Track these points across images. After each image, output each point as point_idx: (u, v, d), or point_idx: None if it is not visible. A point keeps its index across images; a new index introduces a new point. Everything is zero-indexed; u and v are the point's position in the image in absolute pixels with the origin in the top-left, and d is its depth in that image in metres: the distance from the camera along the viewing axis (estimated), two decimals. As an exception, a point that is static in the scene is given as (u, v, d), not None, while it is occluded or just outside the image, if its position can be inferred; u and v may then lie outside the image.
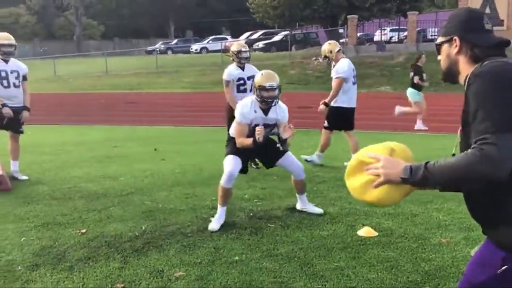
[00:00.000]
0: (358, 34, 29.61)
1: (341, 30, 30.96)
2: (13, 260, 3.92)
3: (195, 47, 42.40)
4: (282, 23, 35.08)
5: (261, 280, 3.52)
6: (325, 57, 7.51)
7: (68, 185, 6.31)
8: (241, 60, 6.97)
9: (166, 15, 55.87)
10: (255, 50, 32.26)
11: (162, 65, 27.93)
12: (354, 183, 2.03)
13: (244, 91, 6.99)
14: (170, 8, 54.47)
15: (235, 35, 46.22)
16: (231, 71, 7.01)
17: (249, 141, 4.63)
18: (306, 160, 7.48)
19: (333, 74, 7.27)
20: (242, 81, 6.98)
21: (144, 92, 21.24)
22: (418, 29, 27.38)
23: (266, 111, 4.78)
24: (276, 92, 4.68)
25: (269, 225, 4.69)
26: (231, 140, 4.95)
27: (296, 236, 4.37)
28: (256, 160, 7.24)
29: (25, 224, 4.78)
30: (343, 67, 7.22)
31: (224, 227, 4.63)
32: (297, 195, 5.16)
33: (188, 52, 39.94)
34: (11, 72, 6.44)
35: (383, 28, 32.54)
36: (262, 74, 4.75)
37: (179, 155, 8.54)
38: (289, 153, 4.96)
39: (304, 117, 13.87)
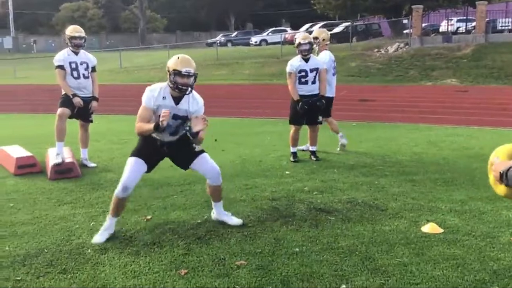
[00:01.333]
0: (423, 25, 28.59)
1: (405, 21, 30.07)
2: (83, 243, 4.12)
3: (255, 39, 42.51)
4: (343, 14, 34.52)
5: (321, 272, 3.51)
6: (316, 38, 7.58)
7: (134, 173, 6.52)
8: (302, 52, 6.92)
9: (227, 8, 56.38)
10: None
11: (222, 57, 28.23)
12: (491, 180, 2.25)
13: (306, 83, 6.95)
14: (231, 0, 54.90)
15: (295, 27, 45.97)
16: (293, 62, 7.00)
17: (150, 126, 4.05)
18: (307, 151, 7.62)
19: (322, 65, 7.22)
20: (303, 73, 6.92)
21: (204, 84, 21.59)
22: (488, 19, 26.12)
23: (177, 100, 4.20)
24: (192, 79, 4.11)
25: (329, 218, 4.66)
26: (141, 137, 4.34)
27: (357, 230, 4.32)
28: (315, 153, 7.17)
29: (94, 210, 5.01)
30: (325, 58, 7.47)
31: (284, 218, 4.64)
32: (212, 203, 4.59)
33: (248, 44, 40.12)
34: (81, 64, 6.73)
35: (449, 18, 31.27)
36: (178, 58, 4.13)
37: (238, 146, 8.63)
38: (205, 154, 4.40)
39: (364, 109, 13.65)
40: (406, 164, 6.84)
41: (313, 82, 6.98)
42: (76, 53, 6.74)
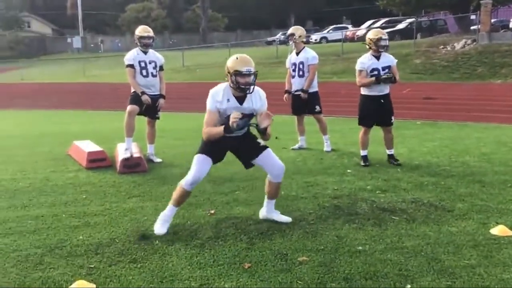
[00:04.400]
0: (492, 21, 27.35)
1: (473, 17, 28.86)
2: (151, 235, 4.29)
3: (315, 37, 42.22)
4: (407, 10, 33.60)
5: (385, 271, 3.47)
6: (292, 35, 7.75)
7: (197, 169, 6.70)
8: (379, 48, 6.52)
9: (287, 6, 56.33)
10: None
11: (282, 55, 28.27)
12: None
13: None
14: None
15: (356, 24, 45.23)
16: (363, 60, 6.65)
17: (219, 129, 4.11)
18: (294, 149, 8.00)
19: (310, 60, 7.67)
20: (376, 72, 6.53)
21: (265, 82, 21.71)
22: None
23: (241, 100, 4.23)
24: (252, 78, 4.13)
25: (393, 217, 4.59)
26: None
27: (423, 231, 4.24)
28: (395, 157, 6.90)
29: (161, 203, 5.19)
30: (315, 54, 7.77)
31: (346, 216, 4.63)
32: (265, 199, 4.58)
33: (308, 42, 39.92)
34: (150, 63, 6.97)
35: (521, 13, 29.74)
36: (237, 58, 4.16)
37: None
38: (269, 150, 4.37)
39: (429, 108, 13.28)
40: (474, 164, 6.61)
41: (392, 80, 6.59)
42: (145, 52, 6.99)
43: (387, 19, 38.74)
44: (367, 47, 6.62)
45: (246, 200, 5.26)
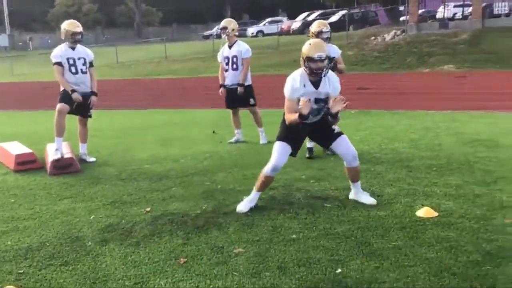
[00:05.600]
0: (420, 11, 28.53)
1: (401, 8, 30.02)
2: (83, 236, 4.19)
3: (251, 30, 42.44)
4: (340, 2, 34.40)
5: (318, 257, 3.58)
6: (225, 28, 7.79)
7: (133, 167, 6.60)
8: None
9: (223, -1, 56.20)
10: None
11: (218, 50, 28.26)
12: None
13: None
14: (226, -8, 54.72)
15: (292, 17, 45.82)
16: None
17: (295, 116, 4.34)
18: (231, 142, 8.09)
19: (244, 54, 7.69)
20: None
21: (203, 76, 21.60)
22: (484, 4, 26.05)
23: (316, 84, 4.47)
24: (325, 62, 4.39)
25: (325, 205, 4.73)
26: (284, 121, 4.66)
27: (353, 216, 4.39)
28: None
29: (94, 203, 5.08)
30: (248, 47, 7.86)
31: (282, 207, 4.71)
32: (350, 183, 4.87)
33: (245, 36, 40.05)
34: (78, 59, 6.75)
35: (446, 4, 31.21)
36: (310, 44, 4.43)
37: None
38: (343, 137, 4.65)
39: (362, 98, 13.67)
40: (403, 150, 6.90)
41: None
42: (73, 48, 6.76)
43: (321, 11, 39.52)
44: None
45: (183, 196, 5.23)
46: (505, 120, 9.24)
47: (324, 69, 4.39)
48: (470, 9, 25.88)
